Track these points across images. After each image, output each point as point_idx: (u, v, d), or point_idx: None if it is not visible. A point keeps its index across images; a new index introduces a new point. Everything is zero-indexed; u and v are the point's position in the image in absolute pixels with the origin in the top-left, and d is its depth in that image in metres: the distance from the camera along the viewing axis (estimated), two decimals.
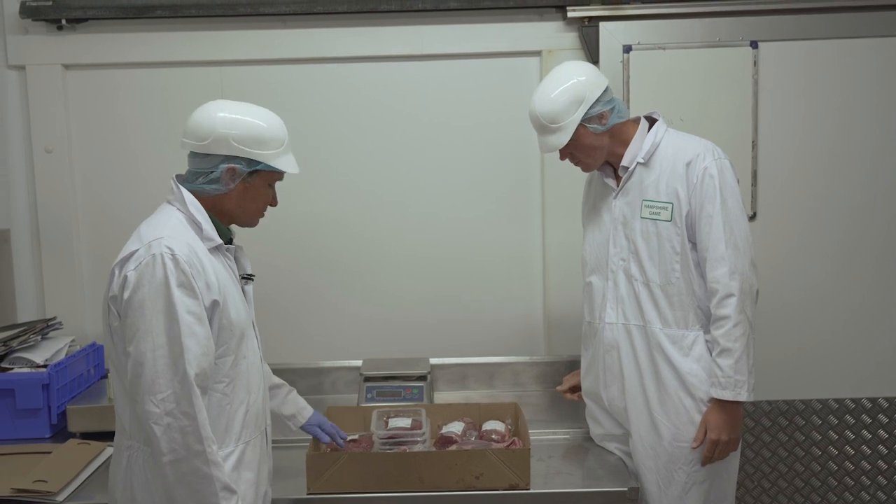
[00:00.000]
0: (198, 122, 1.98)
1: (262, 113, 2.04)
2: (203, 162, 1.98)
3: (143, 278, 1.83)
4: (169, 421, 1.79)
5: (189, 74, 3.15)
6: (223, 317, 1.93)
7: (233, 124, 1.96)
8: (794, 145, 3.12)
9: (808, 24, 3.06)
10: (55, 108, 3.14)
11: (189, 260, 1.86)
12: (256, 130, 1.98)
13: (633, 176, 2.42)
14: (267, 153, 1.99)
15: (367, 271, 3.25)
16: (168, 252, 1.84)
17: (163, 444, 1.80)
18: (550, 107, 2.35)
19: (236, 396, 1.98)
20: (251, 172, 2.00)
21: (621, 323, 2.46)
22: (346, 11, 3.10)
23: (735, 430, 2.33)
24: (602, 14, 3.06)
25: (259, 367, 2.08)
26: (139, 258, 1.85)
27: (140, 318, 1.82)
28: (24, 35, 3.13)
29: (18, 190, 3.21)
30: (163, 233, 1.89)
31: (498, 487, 2.28)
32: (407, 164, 3.22)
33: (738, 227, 2.32)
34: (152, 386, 1.80)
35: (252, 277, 2.14)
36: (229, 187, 1.99)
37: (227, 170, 1.97)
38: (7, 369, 2.72)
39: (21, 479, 2.29)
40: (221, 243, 2.00)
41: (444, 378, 3.15)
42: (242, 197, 2.02)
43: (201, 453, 1.81)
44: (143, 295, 1.82)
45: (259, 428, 2.06)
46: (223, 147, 1.96)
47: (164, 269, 1.83)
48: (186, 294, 1.84)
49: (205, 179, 1.98)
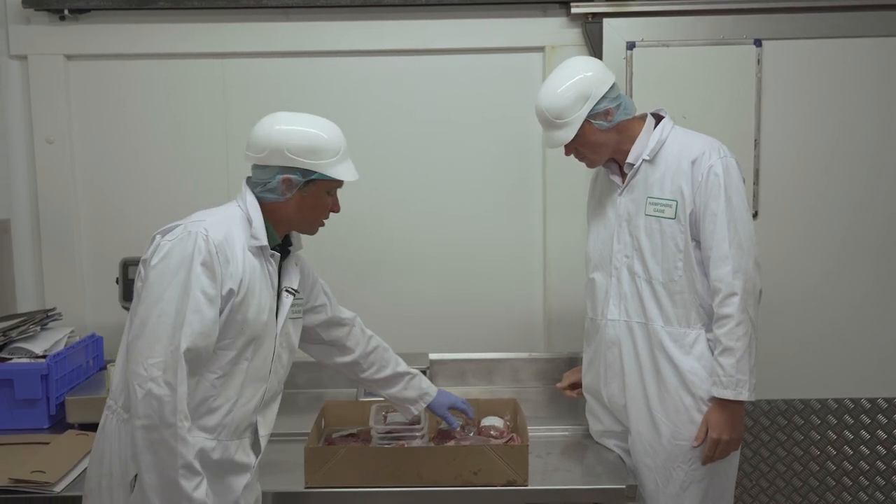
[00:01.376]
0: (256, 134, 2.05)
1: (317, 123, 2.08)
2: (262, 173, 2.05)
3: (174, 249, 1.89)
4: (151, 386, 1.82)
5: (191, 66, 3.15)
6: (238, 312, 1.94)
7: (287, 136, 2.02)
8: (796, 144, 3.11)
9: (812, 22, 3.05)
10: (57, 98, 3.14)
11: (220, 245, 1.91)
12: (310, 141, 2.03)
13: (639, 173, 2.42)
14: (322, 163, 2.03)
15: (367, 266, 3.25)
16: (203, 233, 1.91)
17: (140, 408, 1.82)
18: (556, 102, 2.34)
19: (224, 392, 1.97)
20: (307, 182, 2.04)
21: (623, 320, 2.45)
22: (349, 5, 3.09)
23: (736, 430, 2.33)
24: (606, 10, 3.05)
25: (265, 377, 2.05)
26: (178, 233, 1.92)
27: (158, 283, 1.87)
28: (27, 25, 3.13)
29: (19, 180, 3.20)
30: (210, 219, 1.96)
31: (496, 483, 2.27)
32: (407, 159, 3.21)
33: (743, 226, 2.31)
34: (147, 349, 1.84)
35: (294, 292, 2.14)
36: (286, 197, 2.04)
37: (283, 180, 2.02)
38: (6, 359, 2.72)
39: (19, 470, 2.29)
40: (266, 245, 2.03)
41: (444, 373, 3.15)
42: (300, 206, 2.07)
43: (172, 425, 1.82)
44: (168, 264, 1.88)
45: (237, 434, 2.03)
46: (278, 158, 2.01)
47: (195, 245, 1.88)
48: (206, 274, 1.88)
49: (263, 189, 2.04)
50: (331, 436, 2.48)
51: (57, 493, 2.25)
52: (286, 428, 2.65)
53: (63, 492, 2.26)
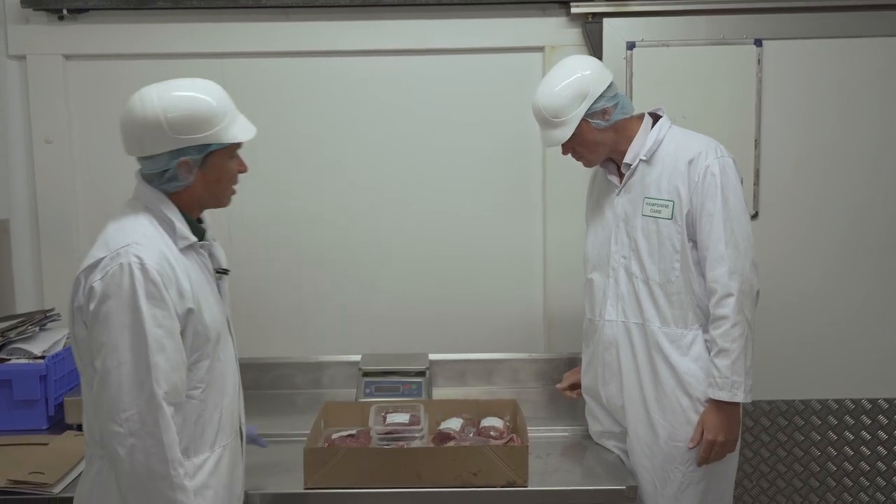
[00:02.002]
0: (129, 123, 1.82)
1: (193, 86, 1.84)
2: (153, 164, 1.83)
3: (109, 290, 1.72)
4: (133, 442, 1.70)
5: (190, 66, 3.12)
6: (198, 323, 1.83)
7: (165, 111, 1.77)
8: (797, 144, 3.10)
9: (813, 22, 3.04)
10: (56, 98, 3.13)
11: (160, 268, 1.75)
12: (193, 111, 1.80)
13: (636, 173, 2.41)
14: (215, 131, 1.81)
15: (368, 266, 3.24)
16: (136, 261, 1.73)
17: (126, 466, 1.71)
18: (554, 101, 2.34)
19: (211, 401, 1.89)
20: (206, 157, 1.84)
21: (621, 320, 2.45)
22: (348, 5, 3.09)
23: (732, 432, 2.32)
24: (606, 10, 3.04)
25: (234, 367, 2.00)
26: (105, 267, 1.74)
27: (105, 333, 1.72)
28: (25, 25, 3.12)
29: (18, 180, 3.20)
30: (131, 238, 1.77)
31: (495, 484, 2.27)
32: (407, 159, 3.21)
33: (739, 227, 2.30)
34: (116, 404, 1.71)
35: (227, 272, 2.02)
36: (188, 180, 1.84)
37: (180, 164, 1.81)
38: (5, 360, 2.72)
39: (17, 471, 2.28)
40: (196, 241, 1.89)
41: (443, 374, 3.14)
42: (206, 182, 1.87)
43: (166, 476, 1.72)
44: (109, 308, 1.71)
45: (234, 429, 2.00)
46: (165, 143, 1.79)
47: (132, 279, 1.71)
48: (156, 305, 1.73)
49: (161, 180, 1.84)
50: (330, 436, 2.47)
51: (55, 494, 2.24)
52: (285, 429, 2.66)
53: (61, 493, 2.25)
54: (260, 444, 2.37)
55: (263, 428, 2.65)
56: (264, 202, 3.19)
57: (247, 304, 3.20)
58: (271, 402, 3.03)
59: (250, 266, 3.21)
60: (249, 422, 2.18)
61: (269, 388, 3.13)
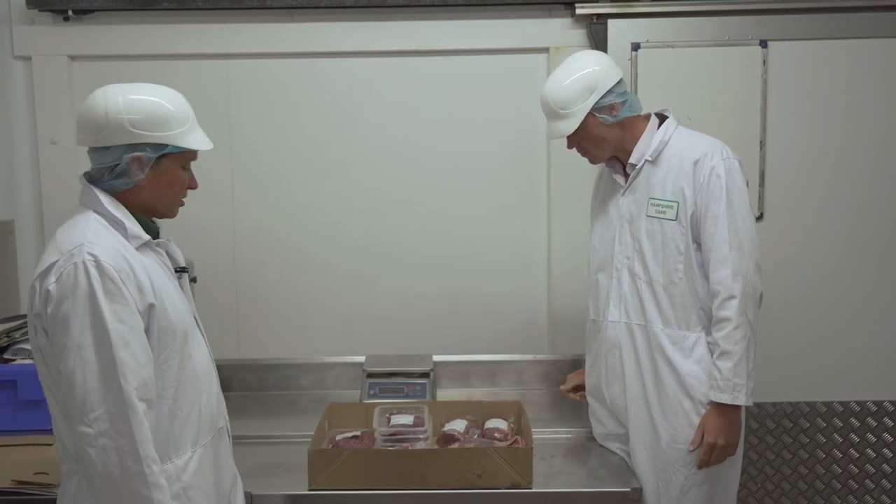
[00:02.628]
0: (89, 113, 1.80)
1: (158, 91, 1.85)
2: (105, 156, 1.81)
3: (65, 291, 1.69)
4: (104, 442, 1.66)
5: (195, 67, 3.14)
6: (162, 318, 1.79)
7: (128, 109, 1.78)
8: (802, 145, 3.10)
9: (818, 23, 3.04)
10: (61, 99, 3.14)
11: (116, 264, 1.72)
12: (155, 111, 1.80)
13: (641, 174, 2.41)
14: (172, 133, 1.81)
15: (372, 267, 3.24)
16: (91, 259, 1.70)
17: (98, 466, 1.67)
18: (561, 93, 2.34)
19: (186, 400, 1.85)
20: (159, 157, 1.82)
21: (623, 322, 2.45)
22: (353, 6, 3.09)
23: (733, 435, 2.31)
24: (611, 11, 3.04)
25: (208, 363, 1.96)
26: (59, 269, 1.71)
27: (66, 335, 1.68)
28: (31, 25, 3.13)
29: (23, 181, 3.20)
30: (83, 238, 1.73)
31: (500, 486, 2.26)
32: (412, 160, 3.21)
33: (744, 229, 2.29)
34: (83, 405, 1.67)
35: (186, 270, 1.97)
36: (138, 178, 1.81)
37: (132, 159, 1.79)
38: (9, 360, 2.72)
39: (22, 471, 2.28)
40: (150, 239, 1.85)
41: (447, 375, 3.14)
42: (156, 185, 1.84)
43: (140, 474, 1.68)
44: (67, 309, 1.68)
45: (215, 427, 1.95)
46: (122, 136, 1.78)
47: (88, 277, 1.68)
48: (116, 301, 1.70)
49: (111, 175, 1.81)
50: (334, 438, 2.47)
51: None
52: (290, 430, 2.66)
53: None
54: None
55: (268, 429, 2.66)
56: (268, 203, 3.20)
57: (250, 305, 3.20)
58: (275, 404, 3.03)
59: (255, 267, 3.22)
60: (256, 424, 2.17)
61: (273, 390, 3.14)
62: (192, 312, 1.95)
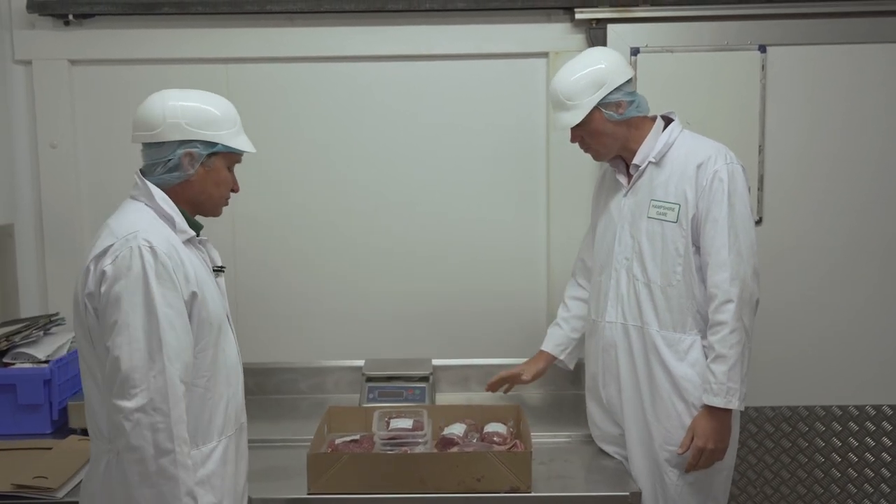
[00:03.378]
0: (147, 111, 1.94)
1: (209, 96, 2.01)
2: (159, 151, 1.94)
3: (120, 271, 1.79)
4: (139, 416, 1.73)
5: (195, 72, 3.14)
6: (202, 309, 1.89)
7: (183, 109, 1.93)
8: (801, 150, 3.10)
9: (817, 28, 3.04)
10: (61, 103, 3.14)
11: (168, 251, 1.83)
12: (207, 112, 1.96)
13: (644, 175, 2.42)
14: (222, 133, 1.97)
15: (371, 270, 3.24)
16: (146, 244, 1.81)
17: (131, 440, 1.74)
18: (570, 85, 2.37)
19: (217, 390, 1.95)
20: (210, 155, 1.96)
21: (620, 322, 2.45)
22: (353, 10, 3.09)
23: (722, 440, 2.31)
24: (610, 16, 3.04)
25: (236, 359, 2.06)
26: (116, 251, 1.81)
27: (117, 312, 1.78)
28: (31, 30, 3.13)
29: (23, 185, 3.20)
30: (138, 226, 1.85)
31: (499, 490, 2.26)
32: (412, 163, 3.21)
33: (744, 234, 2.30)
34: (127, 381, 1.75)
35: (223, 269, 2.09)
36: (189, 173, 1.94)
37: (184, 154, 1.93)
38: (9, 364, 2.72)
39: (21, 475, 2.28)
40: (194, 235, 1.97)
41: (447, 379, 3.14)
42: (205, 182, 1.98)
43: (170, 452, 1.75)
44: (120, 288, 1.78)
45: (238, 421, 2.04)
46: (177, 132, 1.92)
47: (143, 261, 1.79)
48: (166, 286, 1.80)
49: (163, 169, 1.94)
50: (334, 442, 2.47)
51: (59, 498, 2.24)
52: (289, 434, 2.66)
53: (65, 497, 2.25)
54: None
55: (267, 433, 2.66)
56: (269, 206, 3.20)
57: (251, 308, 3.20)
58: (275, 407, 3.04)
59: (255, 270, 3.22)
60: (255, 427, 2.19)
61: (272, 393, 3.14)
62: (226, 309, 2.04)
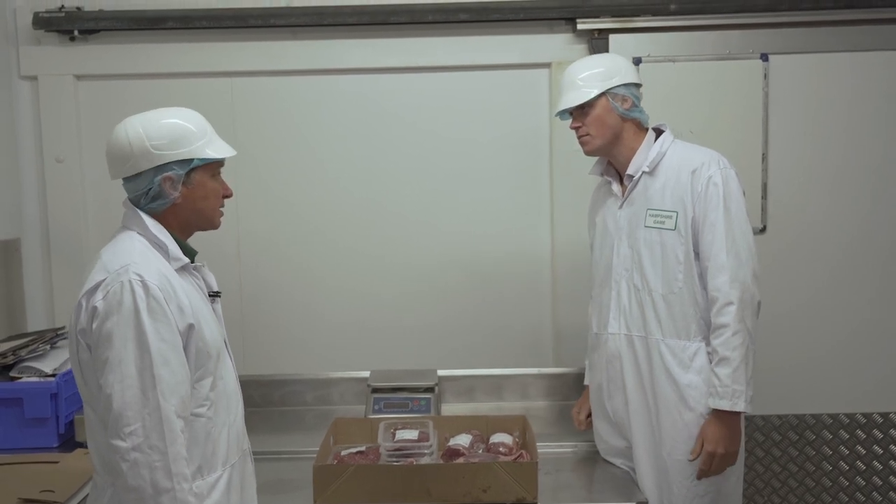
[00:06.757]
0: (114, 145, 1.89)
1: (173, 112, 1.93)
2: (137, 183, 1.88)
3: (111, 307, 1.75)
4: (136, 456, 1.70)
5: (200, 85, 3.16)
6: (199, 339, 1.85)
7: (147, 133, 1.86)
8: (804, 158, 3.10)
9: (819, 37, 3.05)
10: (66, 118, 3.16)
11: (161, 284, 1.79)
12: (173, 129, 1.88)
13: (638, 185, 2.43)
14: (194, 147, 1.88)
15: (375, 282, 3.25)
16: (137, 279, 1.77)
17: (129, 480, 1.70)
18: (586, 67, 2.44)
19: (219, 418, 1.90)
20: (189, 172, 1.89)
21: (623, 333, 2.45)
22: (355, 23, 3.11)
23: (733, 444, 2.30)
24: (612, 26, 3.06)
25: (235, 386, 2.01)
26: (107, 286, 1.77)
27: (109, 349, 1.74)
28: (37, 46, 3.15)
29: (29, 199, 3.22)
30: (129, 259, 1.80)
31: (505, 501, 2.26)
32: (416, 175, 3.22)
33: (741, 237, 2.31)
34: (120, 419, 1.71)
35: (219, 295, 2.04)
36: (173, 196, 1.88)
37: (163, 180, 1.87)
38: (16, 378, 2.73)
39: (28, 489, 2.28)
40: (189, 262, 1.92)
41: (452, 390, 3.14)
42: (192, 200, 1.91)
43: (169, 490, 1.71)
44: (112, 324, 1.74)
45: (241, 448, 2.00)
46: (148, 159, 1.85)
47: (134, 296, 1.75)
48: (159, 320, 1.76)
49: (147, 199, 1.89)
50: (339, 453, 2.47)
51: None
52: (295, 446, 2.66)
53: None
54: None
55: (273, 445, 2.66)
56: (273, 219, 3.21)
57: (256, 321, 3.21)
58: (281, 419, 3.04)
59: (259, 283, 3.22)
60: (261, 439, 2.18)
61: (278, 405, 3.14)
62: (223, 335, 2.00)
